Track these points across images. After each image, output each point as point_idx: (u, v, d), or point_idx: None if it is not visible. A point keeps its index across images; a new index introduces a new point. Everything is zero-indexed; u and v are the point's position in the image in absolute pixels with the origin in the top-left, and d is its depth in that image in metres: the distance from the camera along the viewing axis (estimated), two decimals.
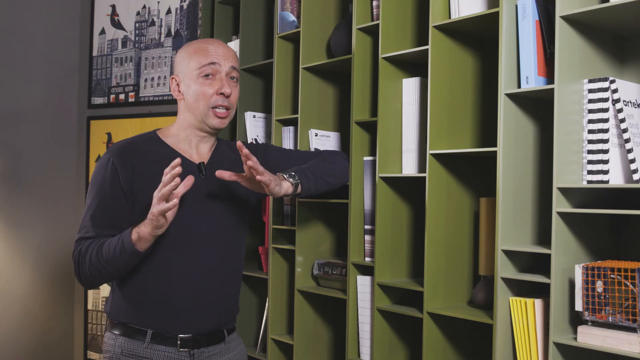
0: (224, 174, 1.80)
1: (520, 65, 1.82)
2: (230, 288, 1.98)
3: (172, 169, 1.65)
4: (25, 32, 3.87)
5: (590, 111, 1.71)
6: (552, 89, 1.70)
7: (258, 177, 1.76)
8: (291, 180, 1.90)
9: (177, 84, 1.92)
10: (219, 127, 1.91)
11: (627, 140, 1.67)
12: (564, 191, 1.70)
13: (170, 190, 1.66)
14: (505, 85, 1.80)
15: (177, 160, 1.66)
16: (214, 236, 1.92)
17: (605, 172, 1.68)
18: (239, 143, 1.76)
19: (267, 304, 2.59)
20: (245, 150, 1.76)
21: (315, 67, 2.45)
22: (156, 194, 1.67)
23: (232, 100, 1.92)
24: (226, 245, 1.95)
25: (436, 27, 1.98)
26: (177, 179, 1.66)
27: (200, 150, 1.95)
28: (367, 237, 2.24)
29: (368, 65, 2.27)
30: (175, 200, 1.68)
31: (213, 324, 1.92)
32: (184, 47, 1.95)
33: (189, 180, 1.71)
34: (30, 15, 3.88)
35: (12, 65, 3.81)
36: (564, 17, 1.69)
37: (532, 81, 1.78)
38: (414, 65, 2.19)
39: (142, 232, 1.71)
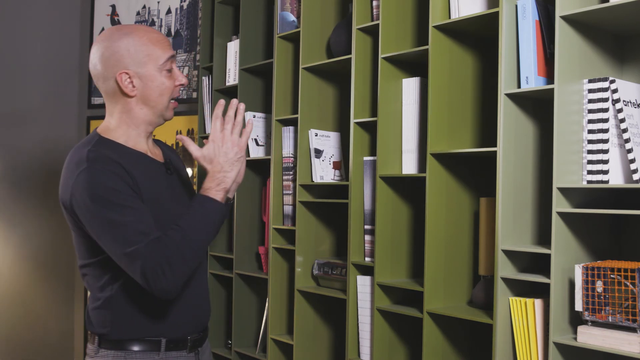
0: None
1: (520, 65, 1.82)
2: (206, 279, 1.96)
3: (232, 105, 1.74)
4: (25, 32, 3.87)
5: (590, 111, 1.71)
6: (552, 89, 1.70)
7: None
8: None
9: (131, 79, 1.74)
10: (171, 118, 1.85)
11: (627, 140, 1.67)
12: (564, 191, 1.70)
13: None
14: (505, 85, 1.80)
15: (235, 100, 1.76)
16: None
17: (605, 172, 1.67)
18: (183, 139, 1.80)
19: (267, 304, 2.59)
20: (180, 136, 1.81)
21: (315, 67, 2.45)
22: (225, 133, 1.73)
23: None
24: None
25: (436, 27, 1.98)
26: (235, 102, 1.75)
27: (150, 147, 1.85)
28: (367, 237, 2.24)
29: (368, 65, 2.27)
30: (251, 121, 1.77)
31: (208, 318, 1.91)
32: (126, 36, 1.74)
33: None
34: (30, 15, 3.88)
35: (12, 65, 3.81)
36: (564, 17, 1.69)
37: (532, 81, 1.78)
38: (414, 65, 2.19)
39: (229, 181, 1.71)
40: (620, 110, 1.68)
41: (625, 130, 1.67)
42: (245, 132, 1.77)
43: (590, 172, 1.70)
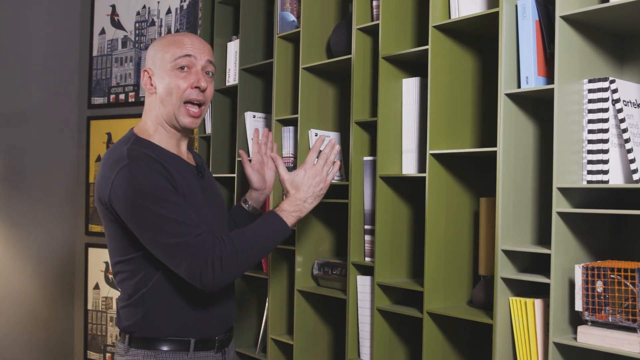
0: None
1: (520, 65, 1.82)
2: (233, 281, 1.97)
3: (332, 147, 1.90)
4: (26, 32, 3.87)
5: (590, 111, 1.71)
6: (552, 89, 1.70)
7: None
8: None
9: (150, 77, 1.81)
10: (190, 126, 1.80)
11: (627, 140, 1.67)
12: (564, 191, 1.70)
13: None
14: (505, 85, 1.80)
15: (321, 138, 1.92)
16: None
17: (605, 172, 1.68)
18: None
19: (267, 304, 2.59)
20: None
21: (315, 67, 2.45)
22: (317, 168, 1.86)
23: (208, 95, 1.81)
24: None
25: (436, 27, 1.98)
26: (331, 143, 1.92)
27: (183, 151, 1.86)
28: (367, 237, 2.24)
29: (368, 65, 2.27)
30: (338, 163, 1.94)
31: (234, 318, 1.91)
32: (157, 40, 1.85)
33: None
34: (31, 16, 3.88)
35: (12, 65, 3.81)
36: (564, 17, 1.69)
37: (532, 81, 1.78)
38: (414, 65, 2.19)
39: (305, 211, 1.83)
40: (620, 110, 1.68)
41: (625, 130, 1.67)
42: (332, 172, 1.90)
43: (590, 172, 1.70)
